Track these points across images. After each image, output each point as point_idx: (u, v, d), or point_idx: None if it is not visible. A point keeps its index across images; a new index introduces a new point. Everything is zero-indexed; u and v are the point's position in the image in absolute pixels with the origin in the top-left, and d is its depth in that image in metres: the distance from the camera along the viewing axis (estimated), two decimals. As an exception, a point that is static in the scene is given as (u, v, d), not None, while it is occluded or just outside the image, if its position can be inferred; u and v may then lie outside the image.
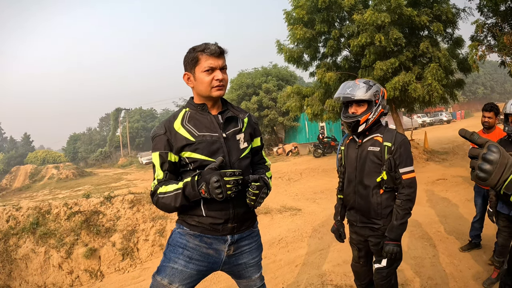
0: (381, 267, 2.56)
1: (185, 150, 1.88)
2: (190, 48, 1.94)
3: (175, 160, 1.92)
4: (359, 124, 2.49)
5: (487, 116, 4.09)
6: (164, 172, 1.91)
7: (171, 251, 1.95)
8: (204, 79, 1.87)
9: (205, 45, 1.88)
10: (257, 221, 2.22)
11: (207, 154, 1.88)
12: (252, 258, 2.13)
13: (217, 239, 1.96)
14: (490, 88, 63.12)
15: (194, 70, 1.89)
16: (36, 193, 19.36)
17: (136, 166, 37.35)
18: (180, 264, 1.91)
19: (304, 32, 11.50)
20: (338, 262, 4.51)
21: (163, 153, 1.89)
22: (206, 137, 1.90)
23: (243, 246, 2.07)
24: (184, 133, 1.89)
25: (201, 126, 1.92)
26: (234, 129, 2.01)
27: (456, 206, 6.40)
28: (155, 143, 1.93)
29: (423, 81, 10.34)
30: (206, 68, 1.86)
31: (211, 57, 1.87)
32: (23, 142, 65.26)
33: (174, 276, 1.89)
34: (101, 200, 6.89)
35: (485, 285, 3.50)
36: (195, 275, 1.94)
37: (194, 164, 1.90)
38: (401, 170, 2.42)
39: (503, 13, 9.71)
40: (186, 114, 1.96)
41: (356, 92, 2.45)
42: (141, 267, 5.95)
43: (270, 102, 24.51)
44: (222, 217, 1.92)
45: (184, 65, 1.95)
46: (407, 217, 2.43)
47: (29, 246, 5.94)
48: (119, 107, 52.05)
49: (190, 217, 1.94)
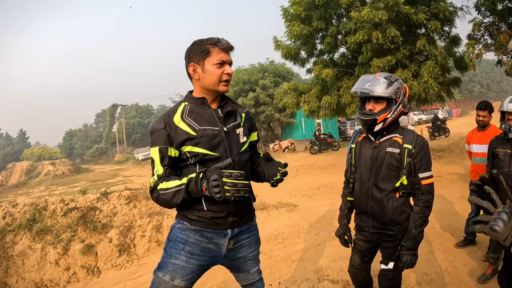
0: (387, 269, 2.46)
1: (186, 144, 1.86)
2: (195, 41, 1.92)
3: (175, 155, 1.89)
4: (376, 123, 2.30)
5: (482, 114, 4.09)
6: (164, 168, 1.87)
7: (172, 247, 1.94)
8: (215, 72, 1.86)
9: (217, 39, 1.88)
10: (255, 215, 2.23)
11: (209, 148, 1.87)
12: (251, 252, 2.14)
13: (217, 233, 1.96)
14: (486, 87, 63.39)
15: (204, 62, 1.87)
16: (32, 190, 19.26)
17: (132, 162, 37.21)
18: (182, 260, 1.90)
19: (301, 28, 11.52)
20: (334, 257, 4.53)
21: (163, 148, 1.85)
22: (207, 131, 1.88)
23: (243, 239, 2.08)
24: (185, 127, 1.87)
25: (202, 120, 1.90)
26: (234, 123, 2.00)
27: (451, 203, 6.44)
28: (154, 138, 1.88)
29: (420, 79, 10.38)
30: (218, 61, 1.86)
31: (223, 51, 1.88)
32: (19, 139, 65.09)
33: (176, 272, 1.89)
34: (98, 196, 6.88)
35: (480, 281, 3.53)
36: (197, 270, 1.94)
37: (195, 158, 1.88)
38: (420, 175, 2.28)
39: (500, 12, 9.75)
40: (186, 108, 1.93)
41: (376, 87, 2.26)
42: (138, 263, 5.95)
43: (267, 99, 24.51)
44: (223, 210, 1.91)
45: (189, 56, 1.92)
46: (425, 225, 2.31)
47: (25, 243, 5.93)
48: (115, 103, 51.71)
49: (191, 211, 1.92)
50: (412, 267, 2.31)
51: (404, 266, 2.30)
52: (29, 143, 65.63)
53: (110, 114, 52.82)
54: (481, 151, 4.06)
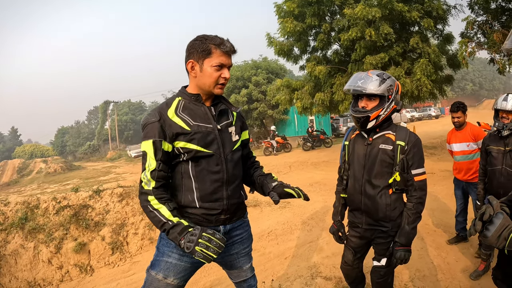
0: (379, 265, 2.47)
1: (179, 139, 1.83)
2: (200, 36, 1.87)
3: (169, 150, 1.83)
4: (369, 120, 2.31)
5: (456, 116, 4.19)
6: (157, 162, 1.80)
7: (164, 245, 1.92)
8: (213, 74, 1.83)
9: (221, 40, 1.83)
10: (247, 211, 2.23)
11: (203, 145, 1.85)
12: (243, 248, 2.14)
13: None
14: (478, 85, 63.85)
15: (203, 61, 1.83)
16: (24, 188, 19.11)
17: (125, 160, 37.09)
18: (174, 257, 1.89)
19: (294, 25, 11.49)
20: (327, 254, 4.55)
21: (157, 141, 1.79)
22: (201, 128, 1.86)
23: (235, 236, 2.08)
24: (179, 122, 1.84)
25: (196, 117, 1.88)
26: (226, 122, 1.99)
27: (443, 199, 6.49)
28: (148, 131, 1.82)
29: (413, 76, 10.42)
30: (218, 64, 1.82)
31: (224, 54, 1.83)
32: (10, 136, 64.50)
33: (168, 270, 1.88)
34: (90, 194, 6.84)
35: (472, 277, 3.57)
36: (189, 268, 1.94)
37: (188, 155, 1.85)
38: (413, 171, 2.30)
39: (494, 11, 9.83)
40: (180, 103, 1.90)
41: (368, 85, 2.26)
42: (131, 260, 5.94)
43: (260, 95, 24.52)
44: (216, 208, 1.91)
45: (189, 51, 1.86)
46: (418, 221, 2.33)
47: (18, 242, 5.89)
48: (107, 100, 51.33)
49: (183, 208, 1.90)
50: (406, 263, 2.33)
51: (398, 262, 2.31)
52: (21, 141, 65.14)
53: (102, 111, 52.40)
54: (461, 149, 4.21)
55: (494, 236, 1.31)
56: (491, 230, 1.32)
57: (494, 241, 1.31)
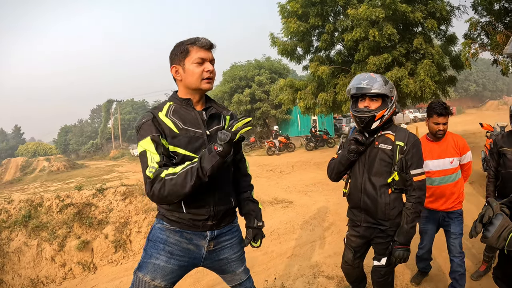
0: (379, 265, 2.50)
1: (167, 140, 1.83)
2: (177, 43, 1.93)
3: (167, 146, 1.82)
4: (374, 120, 2.32)
5: (442, 122, 3.01)
6: (161, 155, 1.75)
7: (152, 247, 1.92)
8: (195, 70, 1.86)
9: (196, 38, 1.89)
10: (236, 217, 2.21)
11: (191, 150, 1.86)
12: (234, 253, 2.11)
13: (197, 235, 1.95)
14: (482, 86, 63.55)
15: (184, 62, 1.87)
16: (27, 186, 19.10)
17: (128, 158, 37.12)
18: (162, 260, 1.89)
19: (298, 25, 11.50)
20: (329, 253, 4.57)
21: (155, 136, 1.78)
22: (190, 132, 1.87)
23: (224, 241, 2.06)
24: (169, 123, 1.85)
25: (185, 121, 1.89)
26: (217, 127, 1.99)
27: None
28: (144, 130, 1.82)
29: (416, 77, 10.40)
30: (198, 59, 1.86)
31: (201, 49, 1.87)
32: (13, 134, 64.62)
33: (156, 272, 1.87)
34: (93, 192, 6.88)
35: (473, 277, 3.59)
36: (177, 271, 1.93)
37: (176, 159, 1.86)
38: (412, 171, 2.33)
39: (497, 12, 9.82)
40: (171, 107, 1.92)
41: (374, 85, 2.31)
42: (133, 259, 5.97)
43: (263, 95, 24.46)
44: (203, 213, 1.91)
45: (171, 58, 1.93)
46: (417, 220, 2.36)
47: (21, 239, 5.93)
48: (110, 99, 51.31)
49: (171, 212, 1.91)
50: (405, 261, 2.35)
51: (397, 260, 2.34)
52: (24, 139, 65.17)
53: (106, 110, 52.41)
54: (442, 167, 3.08)
55: (494, 236, 1.34)
56: (491, 231, 1.35)
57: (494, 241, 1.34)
